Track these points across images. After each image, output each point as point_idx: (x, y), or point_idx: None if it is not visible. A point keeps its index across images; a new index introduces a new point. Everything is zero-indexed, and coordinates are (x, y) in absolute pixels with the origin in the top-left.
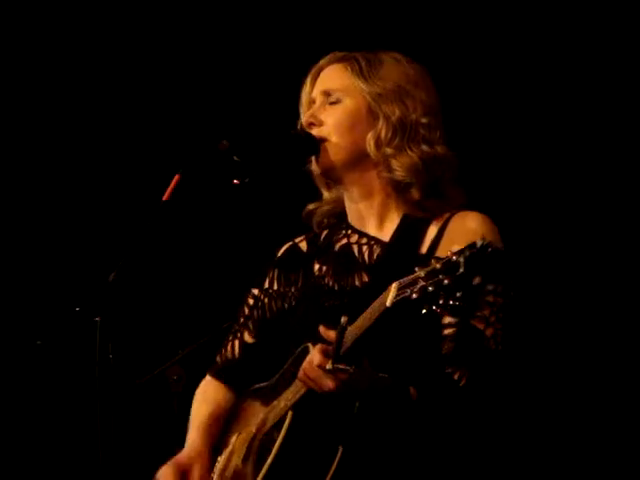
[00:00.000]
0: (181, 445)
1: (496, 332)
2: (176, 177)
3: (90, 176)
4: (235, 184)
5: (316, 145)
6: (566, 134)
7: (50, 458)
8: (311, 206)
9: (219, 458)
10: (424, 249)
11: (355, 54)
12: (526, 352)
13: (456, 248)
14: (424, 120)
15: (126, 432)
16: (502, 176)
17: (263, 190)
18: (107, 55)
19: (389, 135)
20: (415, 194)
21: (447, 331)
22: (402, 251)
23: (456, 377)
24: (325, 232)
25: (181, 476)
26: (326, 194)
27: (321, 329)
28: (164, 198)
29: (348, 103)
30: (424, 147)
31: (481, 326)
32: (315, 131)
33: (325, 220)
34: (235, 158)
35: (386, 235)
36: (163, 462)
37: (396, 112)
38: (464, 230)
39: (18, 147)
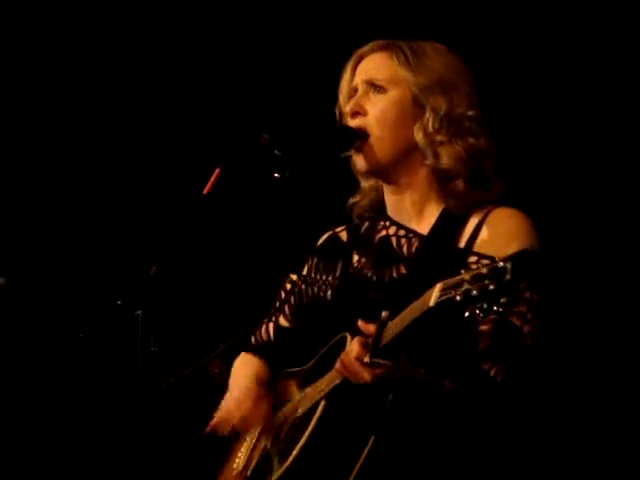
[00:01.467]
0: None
1: (533, 329)
2: (217, 171)
3: (133, 171)
4: (276, 178)
5: (355, 137)
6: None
7: (93, 449)
8: (352, 200)
9: (247, 440)
10: (462, 243)
11: (399, 42)
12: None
13: (502, 254)
14: (470, 113)
15: (168, 424)
16: (535, 173)
17: (304, 184)
18: (148, 50)
19: (437, 126)
20: (460, 185)
21: (484, 327)
22: (440, 245)
23: (492, 373)
24: (366, 224)
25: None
26: (364, 184)
27: (360, 323)
28: (204, 192)
29: (394, 93)
30: (470, 139)
31: (518, 322)
32: (358, 120)
33: (366, 213)
34: (276, 152)
35: (425, 228)
36: (204, 453)
37: (443, 105)
38: (503, 228)
39: (69, 143)
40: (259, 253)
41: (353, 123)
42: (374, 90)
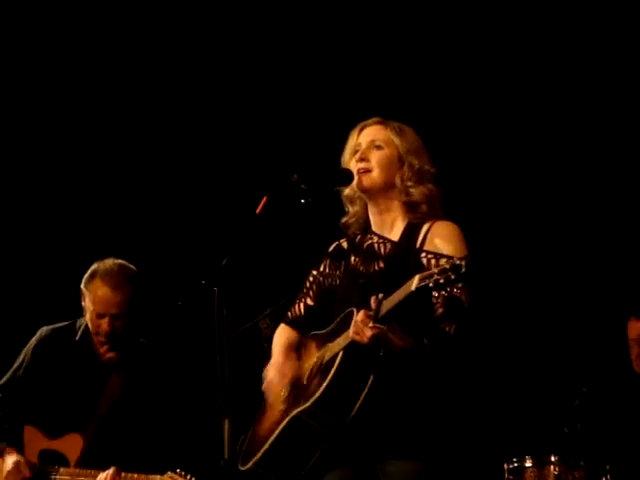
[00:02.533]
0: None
1: (467, 298)
2: (265, 198)
3: (216, 198)
4: (302, 203)
5: (351, 178)
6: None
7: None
8: (343, 220)
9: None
10: (417, 245)
11: (389, 121)
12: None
13: (432, 254)
14: (431, 170)
15: (236, 359)
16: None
17: (320, 206)
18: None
19: (410, 175)
20: (424, 208)
21: (438, 300)
22: (404, 247)
23: (447, 329)
24: (358, 237)
25: (281, 376)
26: (350, 209)
27: (372, 299)
28: (257, 212)
29: (387, 150)
30: (429, 185)
31: (458, 293)
32: (364, 164)
33: (355, 230)
34: (302, 186)
35: (395, 236)
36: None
37: (416, 163)
38: (443, 233)
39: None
40: (289, 252)
41: (360, 165)
42: (375, 147)
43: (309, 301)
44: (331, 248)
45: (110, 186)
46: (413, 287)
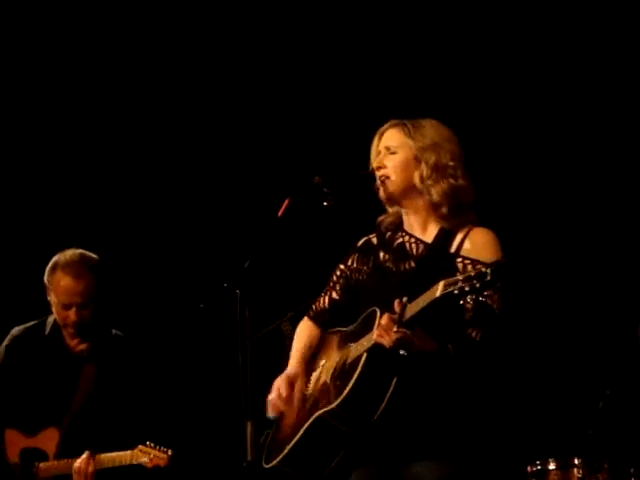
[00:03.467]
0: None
1: (498, 305)
2: (287, 200)
3: (240, 197)
4: (325, 205)
5: (374, 179)
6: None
7: (206, 389)
8: (380, 217)
9: (313, 374)
10: (452, 250)
11: (405, 121)
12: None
13: (469, 260)
14: (451, 163)
15: (257, 360)
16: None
17: (342, 208)
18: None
19: (428, 173)
20: (444, 210)
21: (467, 306)
22: (437, 249)
23: (474, 335)
24: (389, 234)
25: (289, 384)
26: (389, 209)
27: (395, 303)
28: (279, 214)
29: (401, 154)
30: (451, 180)
31: (489, 301)
32: (382, 171)
33: (388, 227)
34: (325, 189)
35: (428, 239)
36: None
37: (432, 158)
38: (479, 240)
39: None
40: (312, 256)
41: (378, 173)
42: (389, 152)
43: (335, 295)
44: (360, 243)
45: (132, 189)
46: (438, 294)
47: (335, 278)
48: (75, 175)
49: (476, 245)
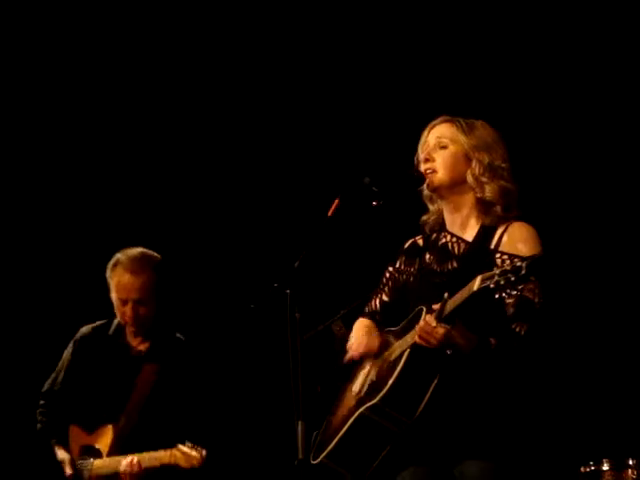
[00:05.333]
0: (343, 376)
1: (539, 299)
2: (336, 200)
3: (291, 198)
4: (374, 205)
5: (423, 180)
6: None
7: (253, 385)
8: (423, 218)
9: (361, 372)
10: (492, 246)
11: (457, 118)
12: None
13: (507, 255)
14: (503, 165)
15: (308, 362)
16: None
17: (391, 208)
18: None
19: (481, 171)
20: (498, 209)
21: (509, 301)
22: (478, 247)
23: (518, 329)
24: (434, 234)
25: (366, 331)
26: (431, 207)
27: (433, 306)
28: (329, 214)
29: (452, 148)
30: (502, 182)
31: (530, 295)
32: (429, 164)
33: (433, 227)
34: (374, 189)
35: (469, 237)
36: (334, 381)
37: (486, 158)
38: (518, 235)
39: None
40: (362, 256)
41: (425, 166)
42: (440, 146)
43: (384, 297)
44: (407, 245)
45: (185, 192)
46: (475, 288)
47: (384, 280)
48: (133, 181)
49: (514, 240)
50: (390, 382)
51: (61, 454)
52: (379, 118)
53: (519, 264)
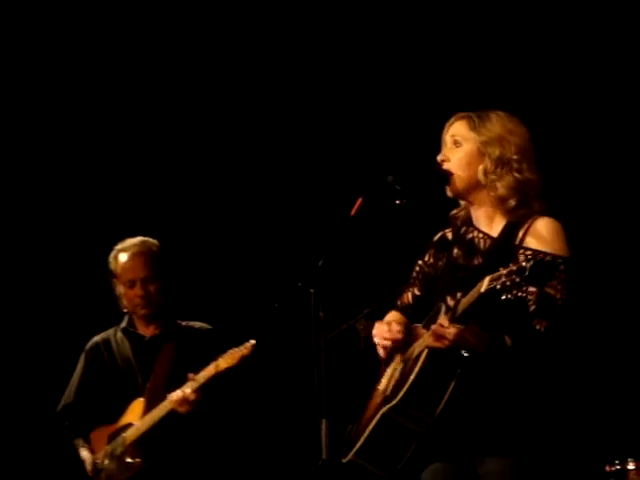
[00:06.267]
0: (368, 375)
1: (561, 296)
2: (359, 199)
3: (314, 197)
4: (397, 204)
5: (446, 177)
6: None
7: (281, 386)
8: (453, 212)
9: (387, 369)
10: (517, 241)
11: (471, 113)
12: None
13: (530, 251)
14: (516, 157)
15: (332, 360)
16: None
17: (415, 206)
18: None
19: (492, 167)
20: (511, 203)
21: (531, 297)
22: (503, 243)
23: (538, 326)
24: (463, 228)
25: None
26: (462, 203)
27: (448, 299)
28: (352, 213)
29: (465, 147)
30: (516, 174)
31: (552, 292)
32: (446, 165)
33: (463, 221)
34: (397, 187)
35: (495, 232)
36: (362, 379)
37: (496, 152)
38: (542, 230)
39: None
40: (386, 255)
41: (443, 166)
42: (454, 145)
43: (417, 291)
44: (436, 238)
45: (209, 190)
46: (482, 289)
47: (415, 274)
48: (153, 178)
49: (538, 235)
50: (409, 382)
51: (84, 454)
52: (402, 116)
53: (524, 264)
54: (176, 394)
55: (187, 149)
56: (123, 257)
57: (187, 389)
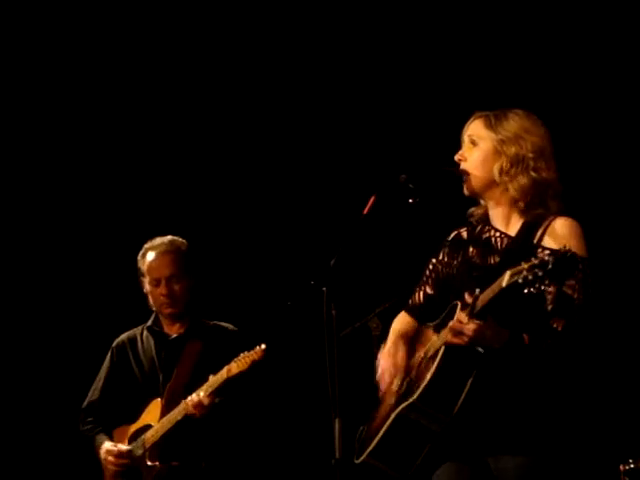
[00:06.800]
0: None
1: (579, 296)
2: (372, 198)
3: (326, 196)
4: (410, 202)
5: (460, 176)
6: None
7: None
8: (471, 209)
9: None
10: (535, 240)
11: (489, 112)
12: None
13: (549, 250)
14: (531, 155)
15: (344, 357)
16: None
17: (428, 205)
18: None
19: (507, 167)
20: (527, 203)
21: (549, 297)
22: (521, 242)
23: (555, 325)
24: (478, 227)
25: (393, 366)
26: (481, 201)
27: (465, 295)
28: (364, 212)
29: (482, 146)
30: (532, 173)
31: (570, 292)
32: (462, 164)
33: (480, 219)
34: (410, 186)
35: (512, 232)
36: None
37: (512, 150)
38: (561, 230)
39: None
40: (399, 253)
41: (460, 166)
42: (471, 144)
43: (429, 290)
44: (450, 236)
45: (222, 189)
46: (504, 284)
47: (428, 272)
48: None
49: (557, 235)
50: (427, 380)
51: (107, 444)
52: (415, 115)
53: (547, 258)
54: (191, 398)
55: (202, 154)
56: (150, 256)
57: (201, 392)
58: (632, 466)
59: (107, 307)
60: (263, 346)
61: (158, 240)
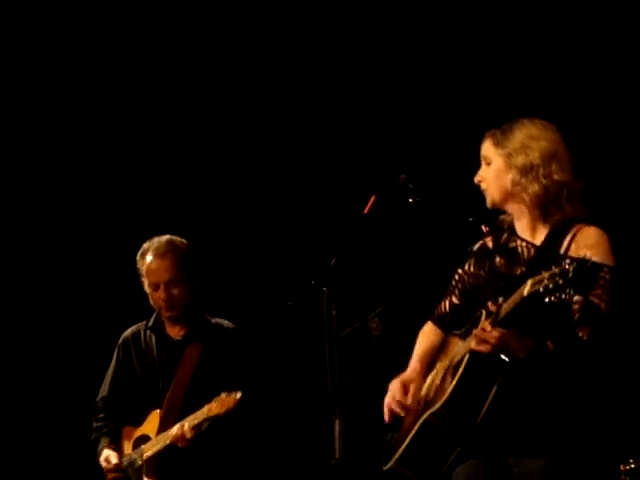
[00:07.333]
0: (381, 374)
1: (606, 305)
2: (373, 198)
3: (326, 196)
4: (410, 202)
5: (460, 176)
6: None
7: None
8: (502, 217)
9: (428, 377)
10: (562, 250)
11: (495, 130)
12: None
13: (569, 259)
14: (539, 161)
15: (345, 358)
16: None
17: (427, 205)
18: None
19: (517, 177)
20: (537, 212)
21: (575, 306)
22: (547, 252)
23: (580, 334)
24: (505, 235)
25: (403, 388)
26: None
27: (489, 304)
28: (365, 212)
29: (494, 164)
30: (542, 180)
31: (596, 301)
32: (483, 185)
33: (505, 228)
34: (410, 185)
35: (538, 240)
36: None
37: (520, 160)
38: (587, 240)
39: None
40: (399, 253)
41: (481, 187)
42: (486, 164)
43: (455, 299)
44: (476, 246)
45: (222, 189)
46: (525, 293)
47: (454, 282)
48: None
49: (584, 244)
50: (451, 388)
51: (107, 451)
52: (415, 115)
53: (567, 267)
54: (174, 431)
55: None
56: (148, 258)
57: (186, 424)
58: (632, 466)
59: (116, 300)
60: (238, 395)
61: (156, 241)
